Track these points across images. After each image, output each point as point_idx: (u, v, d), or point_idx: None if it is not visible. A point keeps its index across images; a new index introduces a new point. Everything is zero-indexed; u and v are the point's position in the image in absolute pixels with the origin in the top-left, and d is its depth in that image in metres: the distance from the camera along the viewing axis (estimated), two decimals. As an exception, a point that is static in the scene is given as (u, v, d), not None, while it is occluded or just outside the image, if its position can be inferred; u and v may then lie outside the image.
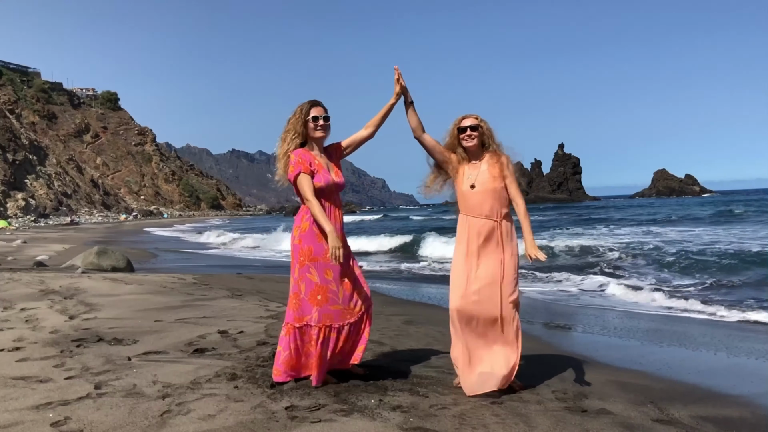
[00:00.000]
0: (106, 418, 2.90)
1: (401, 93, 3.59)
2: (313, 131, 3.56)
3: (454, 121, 3.65)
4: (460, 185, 3.60)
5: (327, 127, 3.60)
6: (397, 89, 3.57)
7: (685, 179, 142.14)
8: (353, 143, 3.72)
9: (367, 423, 2.88)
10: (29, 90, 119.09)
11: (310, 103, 3.60)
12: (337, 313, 3.47)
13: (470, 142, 3.58)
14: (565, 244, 17.12)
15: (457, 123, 3.62)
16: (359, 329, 3.58)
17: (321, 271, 3.46)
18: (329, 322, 3.45)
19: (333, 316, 3.46)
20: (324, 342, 3.44)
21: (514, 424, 2.94)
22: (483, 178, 3.54)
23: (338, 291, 3.48)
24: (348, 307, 3.51)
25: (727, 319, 6.86)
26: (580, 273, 11.56)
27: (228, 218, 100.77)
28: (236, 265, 15.13)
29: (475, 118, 3.61)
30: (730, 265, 11.53)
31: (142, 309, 6.28)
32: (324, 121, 3.57)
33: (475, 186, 3.53)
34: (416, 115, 3.62)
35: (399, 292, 9.25)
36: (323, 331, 3.44)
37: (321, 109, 3.59)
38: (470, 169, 3.59)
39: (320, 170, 3.52)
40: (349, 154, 3.77)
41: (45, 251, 19.12)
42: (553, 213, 55.36)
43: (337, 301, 3.47)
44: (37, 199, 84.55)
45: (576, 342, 5.43)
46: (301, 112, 3.56)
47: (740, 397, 3.68)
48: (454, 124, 3.63)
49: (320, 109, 3.59)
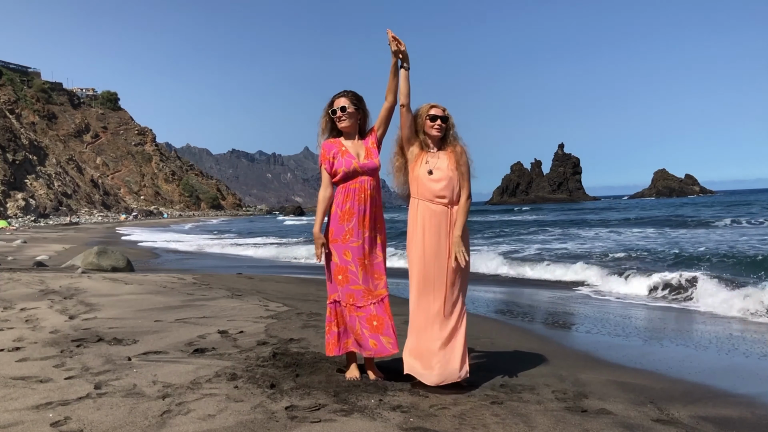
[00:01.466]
0: (106, 418, 2.90)
1: (397, 53, 3.58)
2: (337, 122, 3.68)
3: (422, 108, 3.67)
4: (417, 169, 3.62)
5: (348, 117, 3.65)
6: (393, 48, 3.56)
7: (685, 179, 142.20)
8: (381, 120, 3.75)
9: (367, 423, 2.88)
10: (29, 90, 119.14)
11: (335, 96, 3.71)
12: (359, 293, 3.56)
13: (437, 132, 3.62)
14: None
15: (427, 110, 3.65)
16: (382, 312, 3.59)
17: (340, 252, 3.60)
18: (353, 301, 3.56)
19: (355, 295, 3.56)
20: (353, 319, 3.56)
21: (514, 424, 2.94)
22: (442, 165, 3.58)
23: (358, 272, 3.57)
24: (368, 288, 3.58)
25: (728, 318, 6.86)
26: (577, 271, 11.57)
27: (228, 218, 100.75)
28: (236, 266, 15.13)
29: (443, 109, 3.66)
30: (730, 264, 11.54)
31: (142, 309, 6.29)
32: (341, 111, 3.64)
33: (432, 172, 3.57)
34: (408, 83, 3.61)
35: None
36: (349, 309, 3.56)
37: (342, 100, 3.66)
38: (430, 157, 3.62)
39: (343, 156, 3.62)
40: (384, 133, 3.78)
41: (45, 251, 19.13)
42: (552, 213, 55.37)
43: (357, 281, 3.57)
44: (37, 199, 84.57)
45: (576, 341, 5.43)
46: (328, 106, 3.71)
47: (740, 397, 3.68)
48: (423, 111, 3.66)
49: (341, 100, 3.66)
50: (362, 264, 3.58)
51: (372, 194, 3.64)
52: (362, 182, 3.61)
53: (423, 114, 3.65)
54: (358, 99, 3.69)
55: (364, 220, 3.59)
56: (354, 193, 3.59)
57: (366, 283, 3.57)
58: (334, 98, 3.69)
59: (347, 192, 3.61)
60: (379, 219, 3.68)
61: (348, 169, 3.58)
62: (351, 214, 3.58)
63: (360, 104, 3.70)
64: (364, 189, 3.61)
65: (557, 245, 18.37)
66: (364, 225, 3.59)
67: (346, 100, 3.66)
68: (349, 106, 3.65)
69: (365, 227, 3.59)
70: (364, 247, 3.59)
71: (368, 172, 3.63)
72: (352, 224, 3.58)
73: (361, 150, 3.65)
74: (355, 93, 3.70)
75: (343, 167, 3.59)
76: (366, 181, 3.62)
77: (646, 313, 7.42)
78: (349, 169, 3.58)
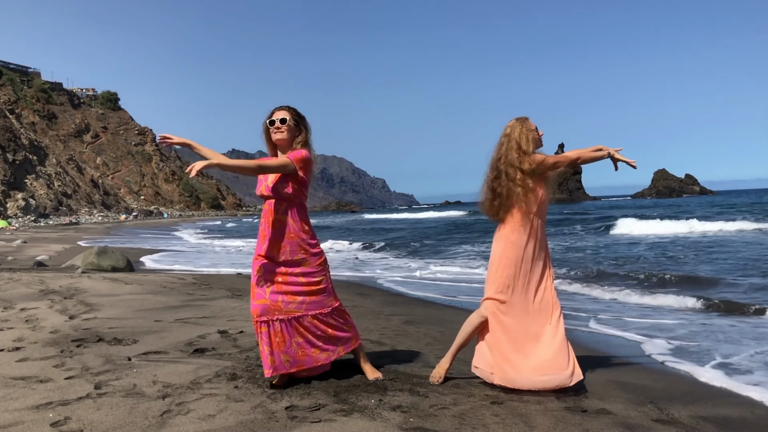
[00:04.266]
0: (106, 418, 2.90)
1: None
2: (272, 134, 3.57)
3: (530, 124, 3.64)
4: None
5: (283, 129, 3.53)
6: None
7: (685, 179, 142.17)
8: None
9: (367, 423, 2.88)
10: (29, 90, 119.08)
11: (274, 108, 3.62)
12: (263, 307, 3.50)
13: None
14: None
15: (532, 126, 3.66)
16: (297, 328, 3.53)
17: (254, 269, 3.58)
18: (256, 315, 3.51)
19: (258, 310, 3.50)
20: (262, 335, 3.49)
21: (514, 424, 2.94)
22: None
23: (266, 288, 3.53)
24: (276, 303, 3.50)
25: (728, 317, 6.85)
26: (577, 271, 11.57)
27: (228, 218, 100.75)
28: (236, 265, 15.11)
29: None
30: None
31: (142, 309, 6.29)
32: (281, 123, 3.54)
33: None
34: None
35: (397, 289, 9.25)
36: (258, 325, 3.51)
37: (280, 112, 3.57)
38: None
39: (259, 179, 3.60)
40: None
41: (45, 251, 19.12)
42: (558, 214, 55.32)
43: (263, 295, 3.51)
44: (37, 199, 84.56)
45: (576, 341, 5.42)
46: (267, 117, 3.60)
47: (740, 397, 3.68)
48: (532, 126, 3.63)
49: (279, 112, 3.58)
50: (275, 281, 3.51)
51: (279, 218, 3.52)
52: (270, 204, 3.55)
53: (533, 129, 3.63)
54: (300, 117, 3.60)
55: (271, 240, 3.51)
56: (264, 214, 3.59)
57: (273, 299, 3.49)
58: (275, 110, 3.59)
59: (262, 212, 3.63)
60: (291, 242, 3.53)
61: (258, 193, 3.59)
62: (262, 233, 3.56)
63: (302, 122, 3.60)
64: (271, 212, 3.54)
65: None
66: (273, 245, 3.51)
67: (287, 113, 3.56)
68: (290, 120, 3.55)
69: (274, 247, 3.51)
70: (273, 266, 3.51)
71: (269, 197, 3.54)
72: (265, 245, 3.53)
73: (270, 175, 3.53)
74: (298, 111, 3.62)
75: (258, 190, 3.59)
76: (275, 206, 3.53)
77: (644, 313, 7.41)
78: (258, 193, 3.59)
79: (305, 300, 3.55)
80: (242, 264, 14.65)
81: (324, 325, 3.60)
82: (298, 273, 3.54)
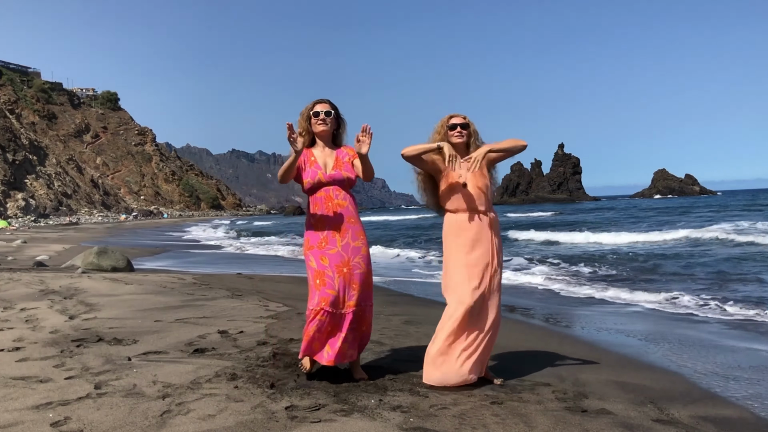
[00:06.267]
0: (106, 418, 2.90)
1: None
2: (314, 126, 3.69)
3: (442, 120, 3.75)
4: (450, 181, 3.65)
5: (328, 122, 3.69)
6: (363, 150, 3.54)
7: (685, 179, 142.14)
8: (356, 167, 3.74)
9: (367, 423, 2.88)
10: (29, 90, 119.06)
11: (314, 101, 3.75)
12: (333, 299, 3.51)
13: (459, 139, 3.69)
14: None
15: (446, 121, 3.73)
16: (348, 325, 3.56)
17: (317, 258, 3.58)
18: (325, 305, 3.49)
19: (329, 300, 3.50)
20: (314, 323, 3.49)
21: (514, 424, 2.94)
22: (473, 175, 3.64)
23: (334, 277, 3.53)
24: (343, 297, 3.55)
25: (727, 318, 6.86)
26: (576, 271, 11.58)
27: (229, 218, 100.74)
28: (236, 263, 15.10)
29: (463, 117, 3.73)
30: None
31: (142, 309, 6.29)
32: (325, 115, 3.68)
33: (467, 184, 3.63)
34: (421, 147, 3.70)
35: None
36: (318, 313, 3.49)
37: (324, 105, 3.71)
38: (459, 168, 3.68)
39: (311, 166, 3.65)
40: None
41: (45, 251, 19.12)
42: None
43: (333, 285, 3.52)
44: (37, 199, 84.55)
45: (576, 341, 5.42)
46: (306, 109, 3.73)
47: (740, 397, 3.68)
48: (443, 122, 3.74)
49: (323, 105, 3.71)
50: (340, 271, 3.55)
51: (340, 203, 3.63)
52: (327, 191, 3.63)
53: (443, 126, 3.73)
54: (335, 108, 3.75)
55: (339, 228, 3.59)
56: (321, 202, 3.62)
57: (342, 291, 3.54)
58: (315, 103, 3.72)
59: (315, 202, 3.65)
60: (356, 229, 3.64)
61: (313, 180, 3.63)
62: (322, 222, 3.60)
63: (338, 113, 3.76)
64: (330, 198, 3.62)
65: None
66: (339, 233, 3.59)
67: (329, 106, 3.72)
68: (334, 114, 3.72)
69: (340, 236, 3.59)
70: (342, 254, 3.58)
71: (335, 183, 3.64)
72: (324, 233, 3.59)
73: (330, 160, 3.68)
74: (332, 102, 3.77)
75: (309, 178, 3.63)
76: (331, 190, 3.63)
77: (645, 314, 7.41)
78: (314, 180, 3.63)
79: (363, 291, 3.61)
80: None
81: (363, 320, 3.65)
82: (358, 260, 3.61)
